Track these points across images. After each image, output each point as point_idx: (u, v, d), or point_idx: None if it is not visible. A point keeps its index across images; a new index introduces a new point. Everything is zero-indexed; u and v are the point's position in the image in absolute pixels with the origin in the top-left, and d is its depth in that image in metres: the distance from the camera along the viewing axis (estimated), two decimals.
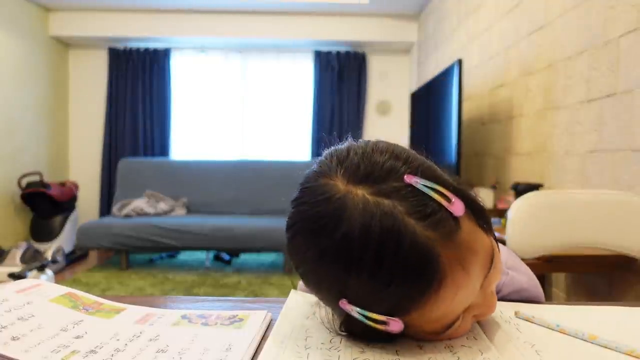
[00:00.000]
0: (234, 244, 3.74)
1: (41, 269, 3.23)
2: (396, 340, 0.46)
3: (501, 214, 2.18)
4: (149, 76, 5.03)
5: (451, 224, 0.41)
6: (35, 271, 3.17)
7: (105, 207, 4.98)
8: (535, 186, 2.13)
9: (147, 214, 4.08)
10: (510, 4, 2.62)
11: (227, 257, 4.18)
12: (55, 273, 3.57)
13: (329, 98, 5.05)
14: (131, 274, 3.70)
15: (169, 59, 5.03)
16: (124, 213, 4.05)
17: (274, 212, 4.24)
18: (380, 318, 0.41)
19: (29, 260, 3.41)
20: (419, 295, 0.40)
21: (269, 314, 0.53)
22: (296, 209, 0.45)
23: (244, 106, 5.12)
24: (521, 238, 1.22)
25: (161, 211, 4.17)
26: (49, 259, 3.60)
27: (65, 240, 4.19)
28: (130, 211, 4.05)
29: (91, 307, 0.52)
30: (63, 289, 0.54)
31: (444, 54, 3.87)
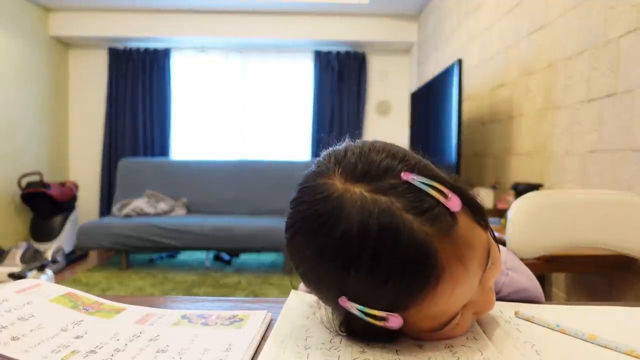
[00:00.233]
0: (234, 244, 3.74)
1: (41, 269, 3.23)
2: (396, 339, 0.46)
3: (501, 214, 2.18)
4: (149, 76, 5.03)
5: (448, 220, 0.41)
6: (35, 271, 3.17)
7: (105, 207, 4.98)
8: (535, 186, 2.13)
9: (147, 214, 4.08)
10: (510, 3, 2.62)
11: (227, 257, 4.18)
12: (55, 273, 3.57)
13: (329, 98, 5.05)
14: (131, 274, 3.70)
15: (169, 59, 5.03)
16: (124, 213, 4.05)
17: (274, 212, 4.24)
18: (379, 314, 0.42)
19: (29, 260, 3.41)
20: (417, 290, 0.40)
21: (269, 314, 0.53)
22: (295, 209, 0.46)
23: (244, 106, 5.12)
24: (521, 238, 1.22)
25: (161, 211, 4.17)
26: (49, 259, 3.60)
27: (65, 240, 4.19)
28: (130, 211, 4.06)
29: (91, 307, 0.52)
30: (63, 289, 0.54)
31: (444, 53, 3.87)
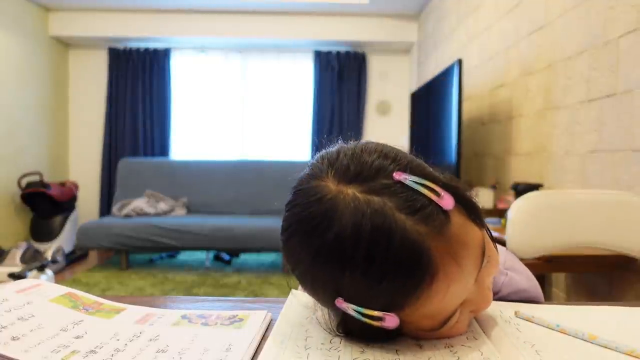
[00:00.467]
0: (234, 244, 3.74)
1: (41, 269, 3.23)
2: (393, 339, 0.46)
3: (501, 214, 2.18)
4: (149, 76, 5.03)
5: (441, 218, 0.41)
6: (35, 271, 3.17)
7: (105, 207, 4.98)
8: (535, 186, 2.13)
9: (147, 214, 4.08)
10: (510, 4, 2.62)
11: (227, 257, 4.18)
12: (55, 273, 3.57)
13: (329, 98, 5.05)
14: (131, 274, 3.70)
15: (169, 59, 5.03)
16: (124, 213, 4.05)
17: (274, 212, 4.24)
18: (375, 314, 0.42)
19: (29, 260, 3.41)
20: (412, 289, 0.40)
21: (269, 314, 0.53)
22: (290, 212, 0.46)
23: (244, 106, 5.12)
24: (521, 238, 1.22)
25: (161, 211, 4.17)
26: (49, 259, 3.60)
27: (65, 240, 4.19)
28: (130, 211, 4.06)
29: (91, 307, 0.52)
30: (63, 289, 0.54)
31: (443, 54, 3.87)
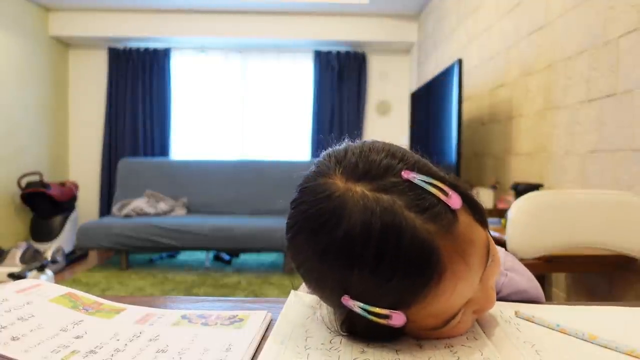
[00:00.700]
0: (234, 244, 3.74)
1: (41, 269, 3.23)
2: (397, 338, 0.46)
3: (501, 214, 2.18)
4: (149, 76, 5.03)
5: (449, 217, 0.41)
6: (35, 271, 3.17)
7: (105, 207, 4.98)
8: (535, 186, 2.13)
9: (147, 214, 4.08)
10: (510, 4, 2.62)
11: (227, 257, 4.18)
12: (55, 273, 3.57)
13: (329, 98, 5.05)
14: (131, 274, 3.70)
15: (169, 59, 5.03)
16: (124, 213, 4.05)
17: (274, 212, 4.24)
18: (382, 312, 0.42)
19: (29, 260, 3.41)
20: (420, 288, 0.40)
21: (269, 314, 0.53)
22: (296, 209, 0.46)
23: (244, 106, 5.12)
24: (521, 238, 1.22)
25: (161, 211, 4.17)
26: (49, 259, 3.60)
27: (65, 240, 4.19)
28: (130, 211, 4.05)
29: (91, 307, 0.52)
30: (63, 289, 0.54)
31: (443, 54, 3.87)
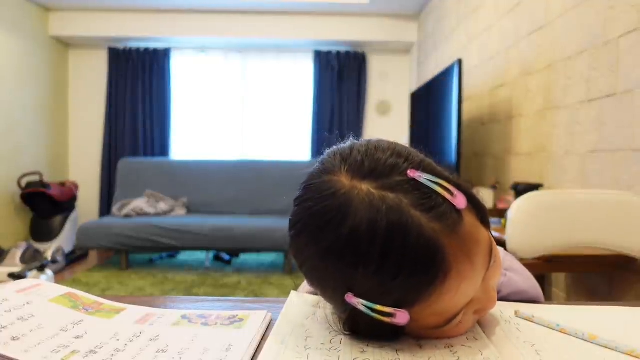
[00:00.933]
0: (234, 244, 3.74)
1: (41, 269, 3.23)
2: (399, 337, 0.46)
3: (501, 214, 2.17)
4: (149, 76, 5.03)
5: (455, 217, 0.41)
6: (35, 271, 3.17)
7: (105, 207, 4.98)
8: (535, 186, 2.13)
9: (147, 214, 4.08)
10: (510, 4, 2.62)
11: (227, 257, 4.17)
12: (55, 273, 3.57)
13: (329, 98, 5.05)
14: (131, 274, 3.70)
15: (169, 59, 5.03)
16: (124, 213, 4.05)
17: (274, 212, 4.24)
18: (387, 310, 0.42)
19: (29, 260, 3.41)
20: (425, 286, 0.40)
21: (269, 314, 0.53)
22: (300, 207, 0.46)
23: (244, 106, 5.12)
24: (521, 238, 1.22)
25: (161, 211, 4.17)
26: (49, 259, 3.60)
27: (65, 240, 4.19)
28: (130, 211, 4.05)
29: (91, 307, 0.52)
30: (63, 289, 0.54)
31: (443, 54, 3.87)
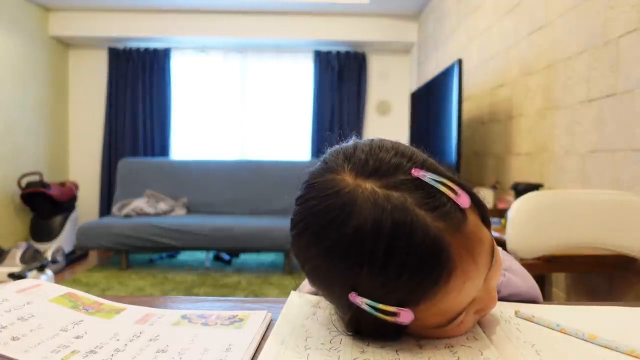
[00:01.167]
0: (234, 244, 3.74)
1: (41, 269, 3.23)
2: (401, 336, 0.46)
3: (501, 214, 2.17)
4: (149, 76, 5.03)
5: (459, 216, 0.41)
6: (35, 271, 3.17)
7: (105, 207, 4.98)
8: (535, 186, 2.13)
9: (147, 214, 4.08)
10: (510, 4, 2.62)
11: (227, 257, 4.18)
12: (55, 273, 3.57)
13: (329, 98, 5.05)
14: (131, 274, 3.70)
15: (169, 59, 5.03)
16: (124, 213, 4.05)
17: (274, 212, 4.24)
18: (391, 309, 0.41)
19: (29, 260, 3.41)
20: (430, 285, 0.40)
21: (269, 314, 0.53)
22: (303, 205, 0.45)
23: (244, 106, 5.12)
24: (521, 238, 1.22)
25: (161, 211, 4.17)
26: (49, 259, 3.60)
27: (65, 240, 4.19)
28: (130, 211, 4.05)
29: (91, 307, 0.52)
30: (63, 289, 0.54)
31: (444, 54, 3.87)
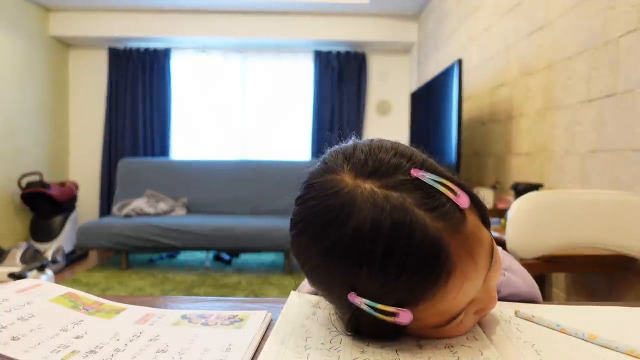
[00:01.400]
0: (234, 244, 3.74)
1: (41, 269, 3.23)
2: (400, 337, 0.46)
3: (501, 214, 2.17)
4: (149, 76, 5.03)
5: (458, 216, 0.41)
6: (35, 271, 3.17)
7: (105, 207, 4.98)
8: (535, 186, 2.13)
9: (147, 214, 4.08)
10: (510, 4, 2.62)
11: (227, 257, 4.18)
12: (55, 273, 3.57)
13: (329, 98, 5.05)
14: (131, 274, 3.70)
15: (169, 59, 5.03)
16: (124, 213, 4.05)
17: (274, 212, 4.24)
18: (390, 309, 0.41)
19: (29, 260, 3.41)
20: (429, 285, 0.40)
21: (269, 314, 0.53)
22: (302, 206, 0.45)
23: (244, 106, 5.12)
24: (521, 238, 1.22)
25: (161, 211, 4.17)
26: (49, 259, 3.60)
27: (65, 240, 4.19)
28: (130, 211, 4.05)
29: (91, 307, 0.52)
30: (63, 289, 0.54)
31: (444, 54, 3.87)
